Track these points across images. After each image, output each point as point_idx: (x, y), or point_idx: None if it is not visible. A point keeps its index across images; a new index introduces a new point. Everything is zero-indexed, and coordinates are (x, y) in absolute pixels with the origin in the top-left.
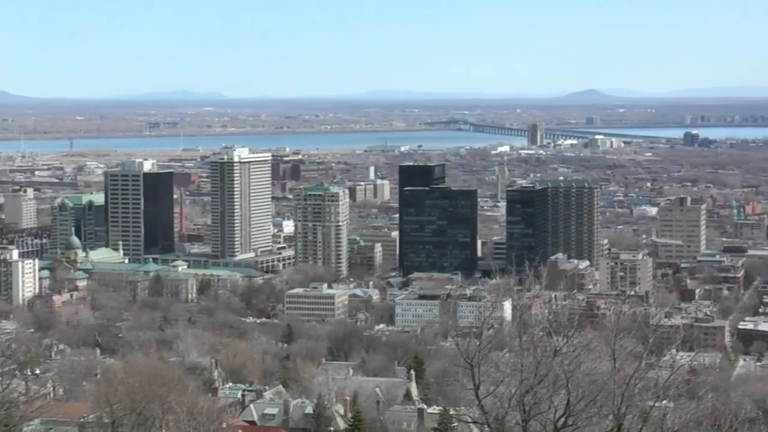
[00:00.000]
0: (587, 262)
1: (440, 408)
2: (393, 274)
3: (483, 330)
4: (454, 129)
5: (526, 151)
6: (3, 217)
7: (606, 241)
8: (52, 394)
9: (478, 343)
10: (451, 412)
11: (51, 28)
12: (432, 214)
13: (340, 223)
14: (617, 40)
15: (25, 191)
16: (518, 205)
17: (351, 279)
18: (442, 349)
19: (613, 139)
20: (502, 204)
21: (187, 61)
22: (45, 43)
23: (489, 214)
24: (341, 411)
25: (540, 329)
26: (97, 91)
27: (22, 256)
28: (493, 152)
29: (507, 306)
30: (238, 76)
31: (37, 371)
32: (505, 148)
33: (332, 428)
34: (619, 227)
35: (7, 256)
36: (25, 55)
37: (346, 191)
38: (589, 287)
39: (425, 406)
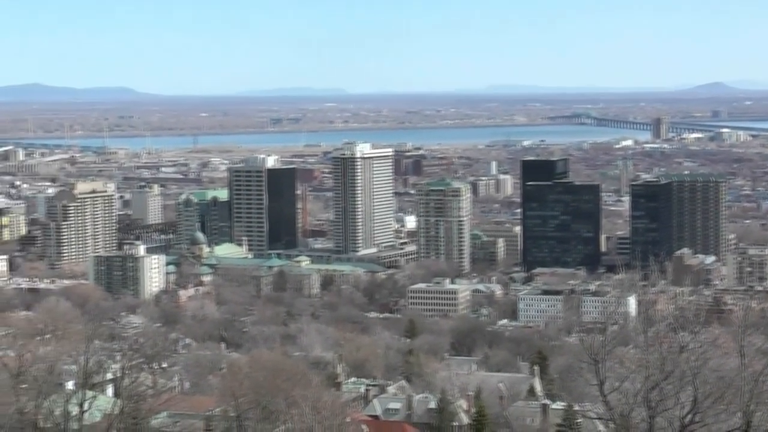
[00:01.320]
0: (714, 257)
1: (564, 404)
2: (516, 269)
3: (607, 326)
4: (577, 123)
5: (650, 145)
6: (130, 213)
7: (733, 235)
8: (178, 388)
9: (602, 338)
10: (576, 408)
11: (174, 26)
12: (555, 209)
13: (463, 218)
14: (743, 32)
15: (150, 187)
16: (642, 200)
17: (473, 274)
18: (565, 344)
19: (740, 133)
20: (626, 199)
21: (309, 57)
22: (169, 41)
23: (612, 208)
24: (464, 406)
25: (665, 325)
26: (220, 87)
27: (149, 251)
28: (617, 146)
29: (632, 301)
30: (360, 71)
31: (164, 365)
32: (629, 142)
33: (455, 423)
34: (747, 222)
35: (134, 252)
36: (150, 53)
37: (468, 186)
38: (716, 283)
39: (549, 402)
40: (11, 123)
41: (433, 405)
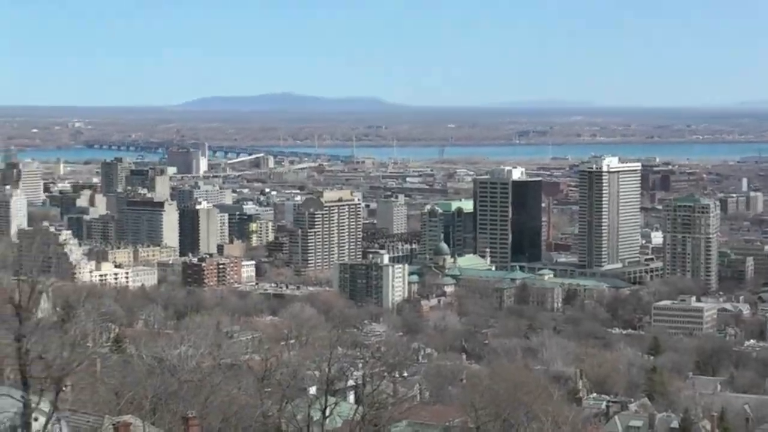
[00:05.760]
0: None
1: None
2: (765, 288)
3: None
4: None
5: None
6: (375, 222)
7: None
8: (418, 397)
9: None
10: None
11: (422, 39)
12: None
13: (711, 236)
14: None
15: (396, 197)
16: None
17: (720, 292)
18: None
19: None
20: None
21: (557, 69)
22: (412, 52)
23: None
24: (708, 427)
25: None
26: (468, 98)
27: (393, 260)
28: None
29: None
30: (610, 84)
31: (405, 374)
32: None
33: None
34: None
35: (379, 261)
36: (399, 64)
37: (717, 203)
38: None
39: None
40: (263, 131)
41: (675, 424)
